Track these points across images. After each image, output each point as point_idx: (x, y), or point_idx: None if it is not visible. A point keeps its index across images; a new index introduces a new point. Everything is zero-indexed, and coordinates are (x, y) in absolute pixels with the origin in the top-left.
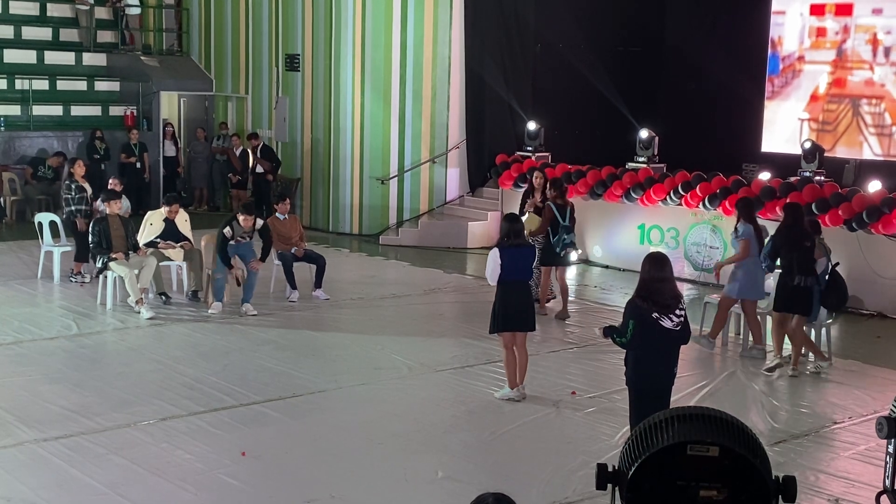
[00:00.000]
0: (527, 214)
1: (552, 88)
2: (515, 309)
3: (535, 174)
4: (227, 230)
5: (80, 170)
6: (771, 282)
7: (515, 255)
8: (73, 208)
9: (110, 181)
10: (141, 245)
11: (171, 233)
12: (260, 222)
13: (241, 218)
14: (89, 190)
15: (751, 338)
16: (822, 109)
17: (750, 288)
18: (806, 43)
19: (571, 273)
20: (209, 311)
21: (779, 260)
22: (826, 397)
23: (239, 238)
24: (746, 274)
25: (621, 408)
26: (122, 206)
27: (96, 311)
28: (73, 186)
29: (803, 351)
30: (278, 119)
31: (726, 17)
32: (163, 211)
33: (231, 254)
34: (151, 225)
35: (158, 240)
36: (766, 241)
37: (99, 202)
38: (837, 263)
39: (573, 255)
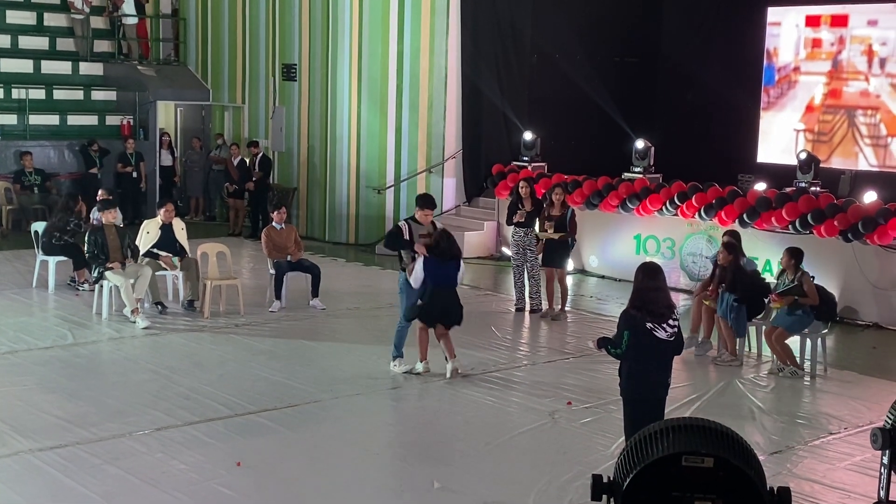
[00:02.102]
0: (536, 226)
1: (548, 98)
2: (440, 309)
3: (521, 184)
4: (402, 224)
5: (81, 206)
6: None
7: (440, 267)
8: (58, 235)
9: (100, 192)
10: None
11: (168, 240)
12: (440, 226)
13: (419, 214)
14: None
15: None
16: (817, 120)
17: None
18: (801, 54)
19: (568, 282)
20: (402, 370)
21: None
22: (821, 408)
23: (416, 248)
24: None
25: (617, 418)
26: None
27: (92, 320)
28: (72, 220)
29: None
30: (275, 129)
31: (722, 29)
32: (158, 217)
33: (416, 292)
34: (148, 233)
35: (157, 251)
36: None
37: (94, 212)
38: (813, 277)
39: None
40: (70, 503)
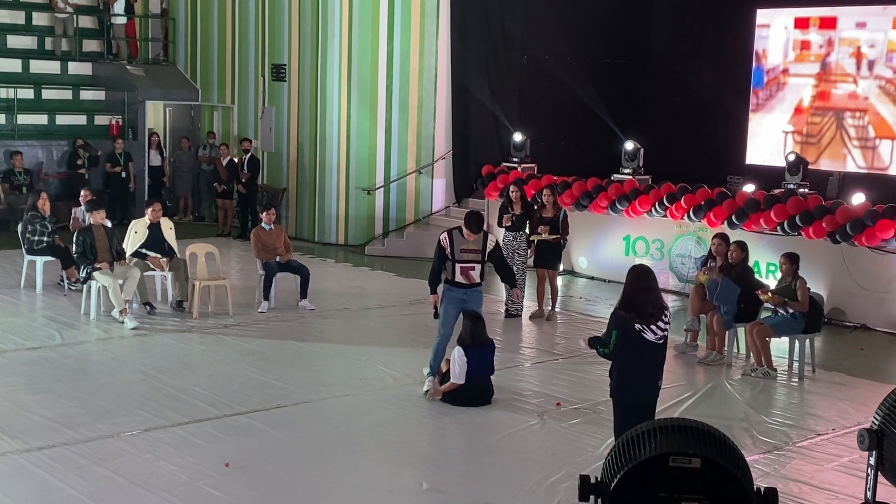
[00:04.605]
0: (527, 228)
1: (538, 100)
2: (475, 394)
3: (511, 188)
4: (444, 237)
5: (42, 202)
6: None
7: (477, 356)
8: (36, 238)
9: (83, 192)
10: (127, 254)
11: (156, 240)
12: (492, 242)
13: (465, 231)
14: (50, 226)
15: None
16: (806, 122)
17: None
18: (790, 56)
19: (558, 282)
20: (425, 390)
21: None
22: (809, 409)
23: (461, 263)
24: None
25: (606, 419)
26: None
27: (80, 320)
28: (38, 216)
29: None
30: (264, 129)
31: (711, 30)
32: (146, 216)
33: (455, 305)
34: (136, 233)
35: (146, 251)
36: (725, 287)
37: (80, 212)
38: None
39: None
40: None
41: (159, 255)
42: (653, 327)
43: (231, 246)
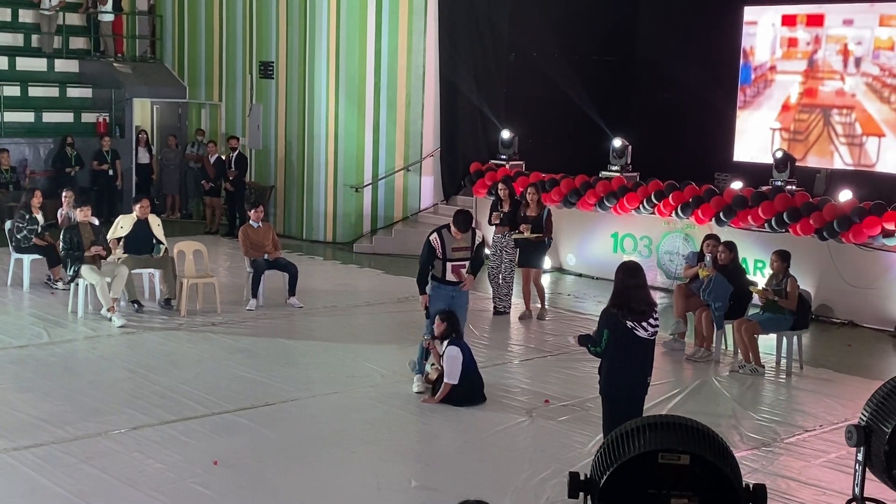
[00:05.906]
0: (516, 229)
1: (526, 97)
2: (468, 397)
3: (499, 186)
4: (433, 237)
5: (37, 201)
6: None
7: (466, 348)
8: (21, 235)
9: (65, 192)
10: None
11: (144, 236)
12: (479, 237)
13: (454, 230)
14: (41, 221)
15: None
16: (793, 119)
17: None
18: (777, 53)
19: (546, 280)
20: (416, 391)
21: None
22: (797, 405)
23: (453, 262)
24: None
25: (595, 416)
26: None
27: (67, 319)
28: (26, 216)
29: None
30: (252, 127)
31: (699, 28)
32: (134, 212)
33: (444, 302)
34: (122, 228)
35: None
36: (718, 283)
37: (63, 210)
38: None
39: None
40: (45, 503)
41: (101, 247)
42: (644, 324)
43: (219, 244)
